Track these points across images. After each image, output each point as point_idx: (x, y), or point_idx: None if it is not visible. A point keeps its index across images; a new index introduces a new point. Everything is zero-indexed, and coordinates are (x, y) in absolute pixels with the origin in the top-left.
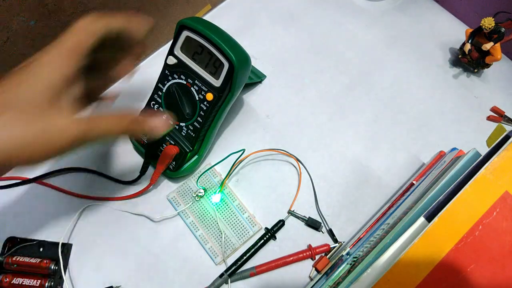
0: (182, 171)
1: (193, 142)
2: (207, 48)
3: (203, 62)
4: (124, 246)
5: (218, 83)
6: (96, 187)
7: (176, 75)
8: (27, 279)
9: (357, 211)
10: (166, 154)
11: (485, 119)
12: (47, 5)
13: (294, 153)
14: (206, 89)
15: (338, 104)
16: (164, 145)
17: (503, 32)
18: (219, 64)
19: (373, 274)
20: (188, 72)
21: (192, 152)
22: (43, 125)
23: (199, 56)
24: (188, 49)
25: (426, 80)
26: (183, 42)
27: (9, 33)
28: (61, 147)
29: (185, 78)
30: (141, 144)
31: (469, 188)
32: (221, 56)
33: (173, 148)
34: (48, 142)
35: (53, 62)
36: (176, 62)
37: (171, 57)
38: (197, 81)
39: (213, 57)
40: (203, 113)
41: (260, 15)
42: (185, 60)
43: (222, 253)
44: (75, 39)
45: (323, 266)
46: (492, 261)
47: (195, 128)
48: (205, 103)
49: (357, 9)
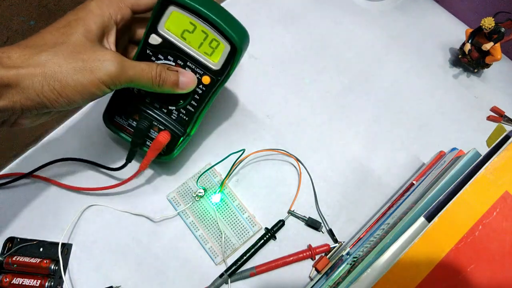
0: (175, 154)
1: (186, 125)
2: (200, 26)
3: (195, 42)
4: (124, 246)
5: (217, 66)
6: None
7: (161, 55)
8: (27, 279)
9: (357, 211)
10: (160, 143)
11: (485, 119)
12: (46, 5)
13: (294, 153)
14: (201, 71)
15: (338, 104)
16: (152, 131)
17: (503, 32)
18: (216, 44)
19: (373, 274)
20: (176, 52)
21: (185, 135)
22: (84, 57)
23: (190, 35)
24: (176, 26)
25: (426, 80)
26: (169, 18)
27: (9, 33)
28: (100, 80)
29: (174, 60)
30: (122, 130)
31: (469, 188)
32: (220, 36)
33: (166, 135)
34: (88, 75)
35: (99, 9)
36: (161, 42)
37: (154, 35)
38: (190, 63)
39: (208, 36)
40: (198, 96)
41: (260, 14)
42: (173, 39)
43: (222, 253)
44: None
45: (323, 266)
46: (492, 261)
47: (189, 112)
48: (200, 86)
49: (357, 9)
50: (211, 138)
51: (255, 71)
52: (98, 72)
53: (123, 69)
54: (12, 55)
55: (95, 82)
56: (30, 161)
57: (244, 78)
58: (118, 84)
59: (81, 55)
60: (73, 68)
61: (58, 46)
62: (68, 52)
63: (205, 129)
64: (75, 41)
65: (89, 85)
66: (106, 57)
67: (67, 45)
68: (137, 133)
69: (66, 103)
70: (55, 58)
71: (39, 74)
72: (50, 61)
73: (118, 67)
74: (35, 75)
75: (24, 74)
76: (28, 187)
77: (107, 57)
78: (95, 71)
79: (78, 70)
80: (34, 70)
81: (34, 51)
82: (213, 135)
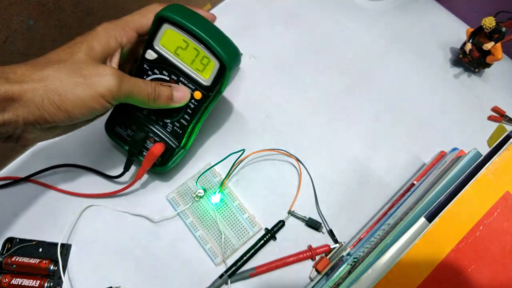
0: (169, 165)
1: (180, 138)
2: (192, 44)
3: (188, 58)
4: (124, 246)
5: (207, 82)
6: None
7: (157, 70)
8: (26, 279)
9: (357, 211)
10: (153, 154)
11: (486, 119)
12: (46, 5)
13: (294, 153)
14: (193, 87)
15: (338, 104)
16: (148, 141)
17: (504, 32)
18: (207, 62)
19: (373, 274)
20: (171, 68)
21: (179, 148)
22: (85, 73)
23: (183, 52)
24: (170, 43)
25: (426, 79)
26: (163, 35)
27: (8, 32)
28: (100, 95)
29: (168, 75)
30: (121, 140)
31: (470, 188)
32: (210, 54)
33: (160, 147)
34: (88, 89)
35: (105, 32)
36: (157, 57)
37: (150, 51)
38: (183, 78)
39: (199, 53)
40: (191, 111)
41: (260, 14)
42: (167, 55)
43: (222, 254)
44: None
45: (323, 267)
46: (493, 262)
47: (182, 125)
48: (192, 101)
49: (357, 9)
50: (211, 138)
51: (255, 71)
52: (98, 86)
53: (122, 83)
54: (17, 71)
55: (95, 96)
56: (32, 164)
57: (244, 78)
58: (117, 98)
59: (83, 71)
60: (74, 82)
61: (61, 63)
62: (70, 68)
63: (205, 129)
64: (78, 58)
65: (88, 100)
66: (106, 72)
67: (70, 62)
68: (133, 143)
69: (66, 117)
70: (57, 74)
71: (41, 88)
72: (52, 76)
73: (118, 81)
74: (37, 89)
75: (27, 88)
76: (27, 189)
77: (107, 72)
78: (95, 86)
79: (79, 85)
80: (37, 85)
81: (38, 67)
82: (213, 135)
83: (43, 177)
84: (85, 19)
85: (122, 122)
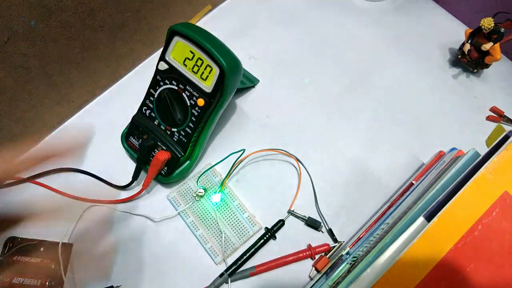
0: (174, 176)
1: (185, 147)
2: (198, 53)
3: (194, 68)
4: (125, 246)
5: (209, 89)
6: (89, 189)
7: (167, 80)
8: (28, 278)
9: (356, 210)
10: (158, 159)
11: (485, 119)
12: (47, 5)
13: (294, 153)
14: (197, 94)
15: (338, 104)
16: (156, 151)
17: (502, 33)
18: (209, 70)
19: (372, 273)
20: (179, 77)
21: (184, 157)
22: None
23: (190, 62)
24: (179, 54)
25: (425, 80)
26: (174, 47)
27: (10, 33)
28: None
29: (176, 84)
30: (133, 149)
31: (468, 188)
32: (212, 62)
33: (165, 154)
34: None
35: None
36: (168, 68)
37: (162, 62)
38: (189, 87)
39: (203, 62)
40: (195, 118)
41: (260, 15)
42: (176, 66)
43: (222, 253)
44: None
45: (323, 266)
46: (491, 261)
47: (187, 134)
48: (196, 108)
49: (357, 9)
50: (211, 138)
51: (255, 71)
52: None
53: None
54: None
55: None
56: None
57: None
58: None
59: None
60: None
61: None
62: None
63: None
64: None
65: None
66: None
67: None
68: (142, 150)
69: None
70: None
71: None
72: None
73: None
74: None
75: None
76: (29, 188)
77: None
78: None
79: None
80: None
81: None
82: (213, 135)
83: (47, 178)
84: (87, 20)
85: (136, 132)
